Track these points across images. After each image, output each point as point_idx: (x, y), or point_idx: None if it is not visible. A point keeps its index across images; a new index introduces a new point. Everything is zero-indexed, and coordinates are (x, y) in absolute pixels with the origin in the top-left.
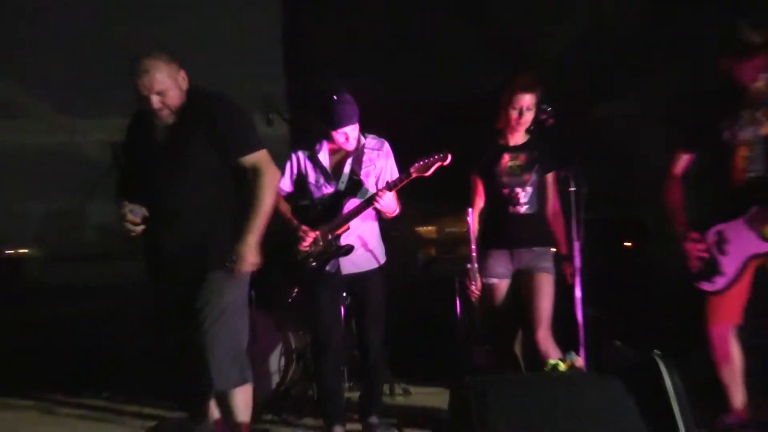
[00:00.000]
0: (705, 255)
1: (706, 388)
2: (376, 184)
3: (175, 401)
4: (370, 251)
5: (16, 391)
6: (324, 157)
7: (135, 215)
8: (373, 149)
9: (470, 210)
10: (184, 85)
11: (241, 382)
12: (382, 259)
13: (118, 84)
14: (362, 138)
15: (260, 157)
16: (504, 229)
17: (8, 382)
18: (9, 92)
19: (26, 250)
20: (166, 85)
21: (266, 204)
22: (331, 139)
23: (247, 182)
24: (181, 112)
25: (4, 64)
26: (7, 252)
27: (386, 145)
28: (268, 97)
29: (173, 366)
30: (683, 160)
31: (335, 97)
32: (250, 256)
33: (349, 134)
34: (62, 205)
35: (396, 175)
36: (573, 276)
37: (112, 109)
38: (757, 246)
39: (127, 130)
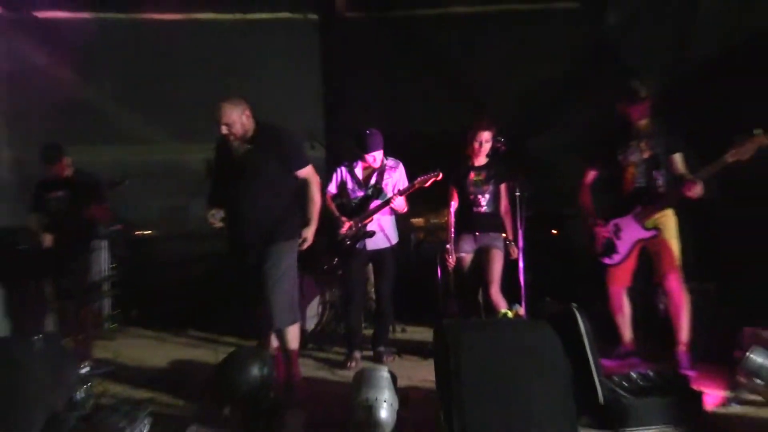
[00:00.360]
0: (607, 235)
1: (606, 329)
2: (392, 190)
3: (249, 334)
4: (386, 235)
5: (143, 326)
6: (358, 171)
7: (214, 218)
8: (391, 167)
9: (452, 203)
10: (248, 121)
11: (293, 322)
12: (395, 241)
13: (210, 118)
14: (384, 159)
15: (309, 171)
16: (470, 222)
17: (137, 320)
18: (138, 125)
19: (150, 232)
20: (232, 119)
21: (318, 202)
22: (363, 159)
23: (301, 186)
24: (252, 138)
25: (136, 105)
26: (136, 233)
27: (400, 164)
28: (310, 131)
29: (248, 309)
30: (591, 175)
31: (368, 131)
32: (311, 237)
33: (376, 156)
34: (174, 201)
35: (405, 184)
36: (517, 253)
37: (207, 136)
38: (641, 233)
39: (215, 151)
